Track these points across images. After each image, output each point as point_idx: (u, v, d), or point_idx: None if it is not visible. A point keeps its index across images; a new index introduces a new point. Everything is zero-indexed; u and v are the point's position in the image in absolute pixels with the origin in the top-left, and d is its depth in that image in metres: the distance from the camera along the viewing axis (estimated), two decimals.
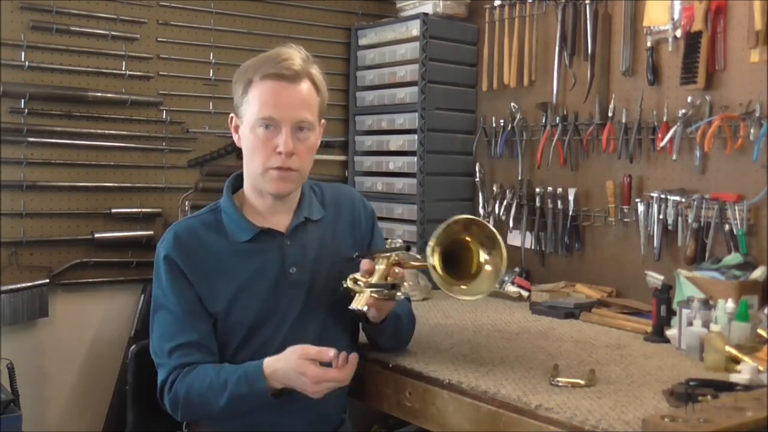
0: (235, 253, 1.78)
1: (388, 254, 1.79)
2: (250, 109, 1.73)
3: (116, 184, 2.86)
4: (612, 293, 2.65)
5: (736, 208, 2.28)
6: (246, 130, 1.75)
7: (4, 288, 2.54)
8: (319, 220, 1.88)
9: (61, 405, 2.80)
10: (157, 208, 2.90)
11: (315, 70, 1.79)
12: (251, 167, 1.78)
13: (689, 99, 2.42)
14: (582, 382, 1.71)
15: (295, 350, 1.64)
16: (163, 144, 2.95)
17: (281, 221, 1.83)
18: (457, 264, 1.76)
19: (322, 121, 1.83)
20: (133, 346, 2.01)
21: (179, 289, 1.74)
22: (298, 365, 1.62)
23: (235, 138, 1.82)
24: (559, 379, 1.73)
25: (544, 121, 2.87)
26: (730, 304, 1.99)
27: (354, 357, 1.66)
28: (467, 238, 1.76)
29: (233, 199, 1.84)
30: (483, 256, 1.75)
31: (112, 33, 2.82)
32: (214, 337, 1.75)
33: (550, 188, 2.86)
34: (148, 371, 1.82)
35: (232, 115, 1.82)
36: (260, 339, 1.76)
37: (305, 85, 1.75)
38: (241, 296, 1.76)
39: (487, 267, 1.75)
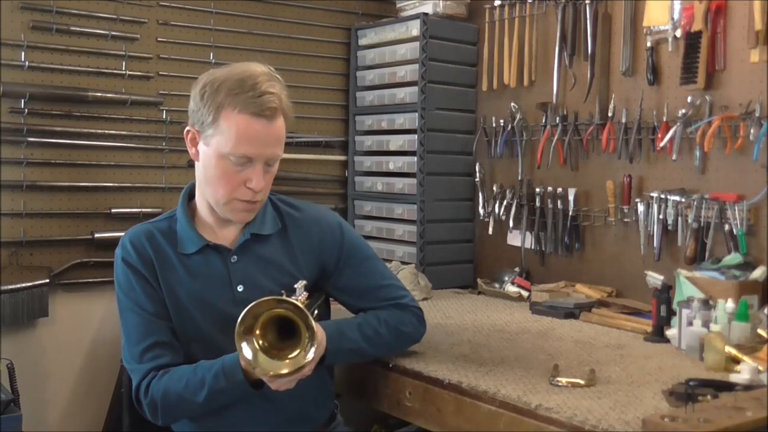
0: (182, 265, 1.75)
1: None
2: (222, 138, 1.67)
3: (116, 184, 2.86)
4: (612, 293, 2.65)
5: (736, 208, 2.28)
6: (211, 154, 1.70)
7: (4, 288, 2.54)
8: (271, 236, 1.82)
9: (61, 405, 2.80)
10: (157, 208, 2.90)
11: (285, 97, 1.72)
12: (213, 193, 1.73)
13: (689, 99, 2.42)
14: (582, 382, 1.71)
15: None
16: (163, 144, 2.95)
17: (229, 236, 1.80)
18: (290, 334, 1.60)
19: None
20: None
21: (143, 290, 1.72)
22: None
23: (192, 152, 1.76)
24: (559, 379, 1.73)
25: (544, 121, 2.87)
26: (730, 304, 1.99)
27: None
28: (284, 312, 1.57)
29: (187, 209, 1.81)
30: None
31: (112, 33, 2.82)
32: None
33: (550, 188, 2.86)
34: None
35: (189, 128, 1.74)
36: (218, 356, 1.68)
37: (280, 121, 1.71)
38: (190, 311, 1.74)
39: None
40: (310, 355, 1.55)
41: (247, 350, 1.55)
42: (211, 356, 1.68)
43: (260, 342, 1.56)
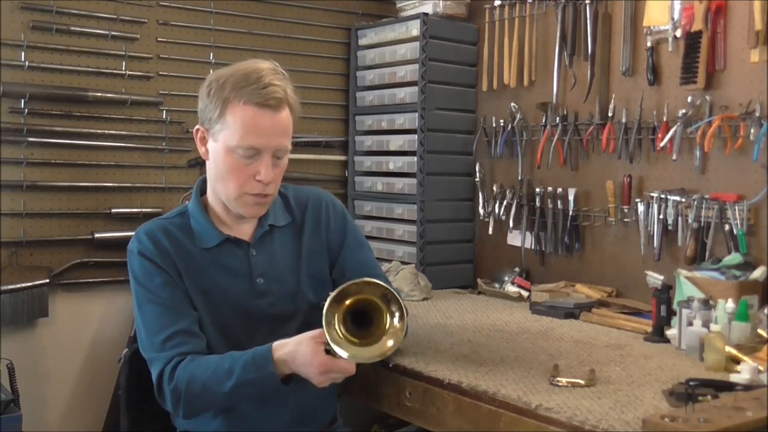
0: (202, 259, 1.76)
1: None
2: (229, 132, 1.69)
3: (116, 184, 2.86)
4: (612, 293, 2.65)
5: (736, 208, 2.28)
6: (220, 150, 1.72)
7: (4, 288, 2.54)
8: (285, 226, 1.85)
9: (61, 405, 2.80)
10: (157, 208, 2.90)
11: (290, 90, 1.75)
12: (224, 189, 1.75)
13: (689, 99, 2.42)
14: (582, 382, 1.71)
15: (306, 340, 1.60)
16: (163, 144, 2.95)
17: (246, 229, 1.82)
18: (367, 322, 1.63)
19: None
20: (126, 350, 1.97)
21: (164, 280, 1.72)
22: (306, 353, 1.58)
23: (201, 150, 1.78)
24: (559, 379, 1.73)
25: (544, 121, 2.87)
26: (730, 304, 1.99)
27: None
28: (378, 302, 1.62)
29: (201, 203, 1.82)
30: (389, 322, 1.61)
31: (112, 33, 2.82)
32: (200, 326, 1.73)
33: (550, 188, 2.86)
34: (141, 374, 1.79)
35: (198, 127, 1.76)
36: (239, 348, 1.69)
37: (285, 112, 1.73)
38: (210, 306, 1.74)
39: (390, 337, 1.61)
40: (396, 321, 1.58)
41: (330, 342, 1.55)
42: (230, 348, 1.68)
43: (341, 330, 1.58)
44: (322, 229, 1.90)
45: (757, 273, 2.16)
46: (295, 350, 1.60)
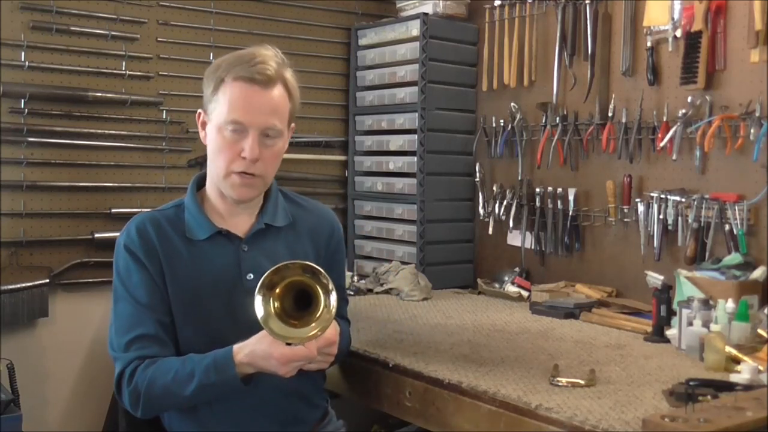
0: (191, 252, 1.75)
1: None
2: (219, 108, 1.70)
3: (116, 184, 2.86)
4: (612, 293, 2.65)
5: (736, 208, 2.28)
6: (212, 130, 1.73)
7: (4, 288, 2.54)
8: (283, 228, 1.83)
9: (61, 405, 2.80)
10: None
11: (289, 75, 1.74)
12: (214, 168, 1.75)
13: (689, 99, 2.42)
14: (582, 382, 1.71)
15: (263, 337, 1.60)
16: (163, 144, 2.95)
17: (241, 224, 1.80)
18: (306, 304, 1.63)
19: (292, 125, 1.80)
20: None
21: (141, 279, 1.71)
22: (265, 349, 1.58)
23: (202, 135, 1.79)
24: (559, 379, 1.73)
25: (544, 121, 2.87)
26: (730, 304, 1.99)
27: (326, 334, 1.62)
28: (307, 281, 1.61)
29: (197, 197, 1.82)
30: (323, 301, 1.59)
31: (112, 33, 2.82)
32: (172, 333, 1.72)
33: (550, 188, 2.86)
34: None
35: (200, 111, 1.78)
36: (224, 344, 1.68)
37: (277, 91, 1.71)
38: (198, 298, 1.73)
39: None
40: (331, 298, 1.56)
41: (259, 308, 1.56)
42: (215, 344, 1.67)
43: (276, 304, 1.57)
44: (323, 243, 1.88)
45: (757, 273, 2.16)
46: (253, 349, 1.60)
